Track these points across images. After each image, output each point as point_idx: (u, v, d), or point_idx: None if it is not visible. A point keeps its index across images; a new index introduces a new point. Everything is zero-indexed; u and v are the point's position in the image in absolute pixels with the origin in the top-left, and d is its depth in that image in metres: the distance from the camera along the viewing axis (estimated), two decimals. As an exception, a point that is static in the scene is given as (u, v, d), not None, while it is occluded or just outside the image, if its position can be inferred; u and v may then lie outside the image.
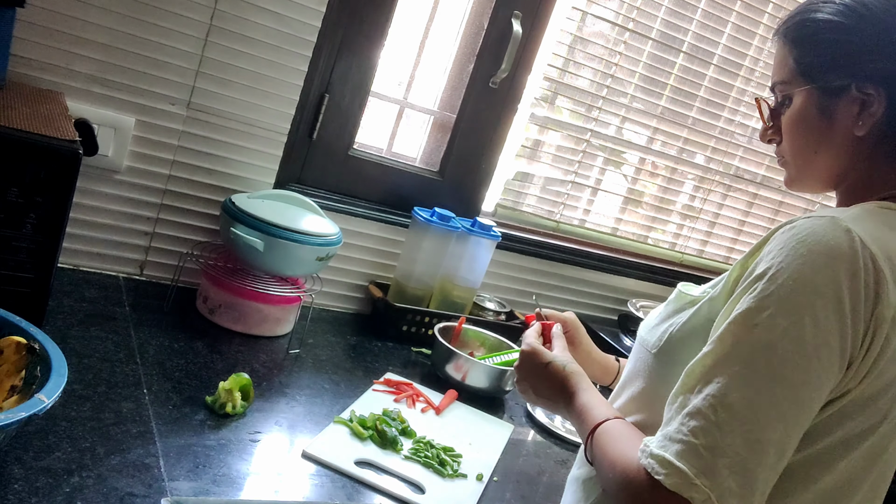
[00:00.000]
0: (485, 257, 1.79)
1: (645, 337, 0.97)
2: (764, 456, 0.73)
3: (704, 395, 0.75)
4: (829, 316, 0.73)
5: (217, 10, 1.43)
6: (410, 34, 1.80)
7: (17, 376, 0.91)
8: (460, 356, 1.53)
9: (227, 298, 1.44)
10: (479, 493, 1.19)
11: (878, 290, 0.75)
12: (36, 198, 1.08)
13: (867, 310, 0.75)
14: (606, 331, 2.00)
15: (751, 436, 0.72)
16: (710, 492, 0.71)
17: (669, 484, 0.72)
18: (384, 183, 1.78)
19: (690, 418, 0.74)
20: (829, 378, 0.75)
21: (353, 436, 1.23)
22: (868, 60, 0.86)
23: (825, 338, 0.73)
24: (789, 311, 0.74)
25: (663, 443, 0.75)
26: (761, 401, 0.73)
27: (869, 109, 0.86)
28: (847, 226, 0.76)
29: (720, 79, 2.13)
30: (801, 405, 0.74)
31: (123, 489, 0.92)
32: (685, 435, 0.74)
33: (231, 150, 1.54)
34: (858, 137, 0.87)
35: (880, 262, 0.75)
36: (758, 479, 0.73)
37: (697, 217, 2.31)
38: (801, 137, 0.92)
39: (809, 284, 0.74)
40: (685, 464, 0.72)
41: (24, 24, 1.31)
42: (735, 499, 0.72)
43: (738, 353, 0.75)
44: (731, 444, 0.72)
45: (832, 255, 0.74)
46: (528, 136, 1.99)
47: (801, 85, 0.90)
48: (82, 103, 1.39)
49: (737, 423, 0.73)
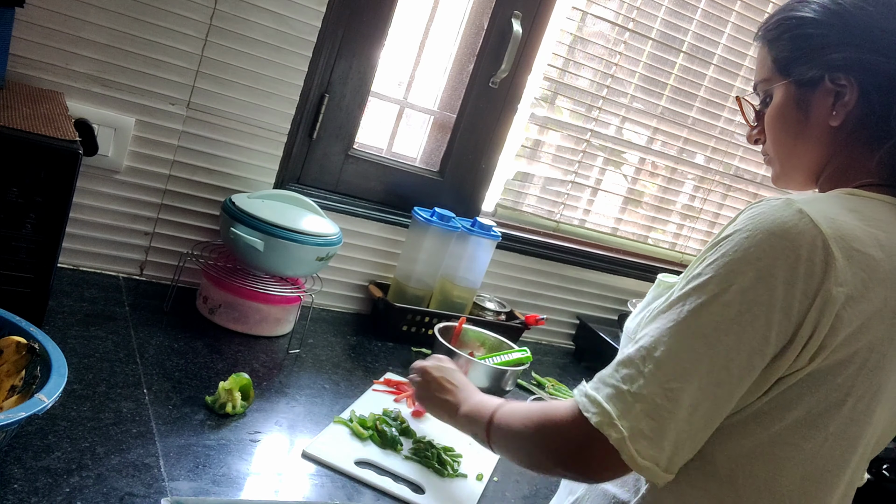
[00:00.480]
0: (485, 257, 1.78)
1: (628, 326, 1.00)
2: (677, 405, 0.78)
3: (639, 346, 0.81)
4: (757, 286, 0.77)
5: (217, 10, 1.43)
6: (410, 34, 1.80)
7: (17, 376, 0.91)
8: (460, 356, 1.53)
9: (227, 298, 1.44)
10: (479, 493, 1.19)
11: (826, 268, 0.77)
12: (36, 198, 1.08)
13: (810, 286, 0.77)
14: (606, 331, 2.00)
15: (667, 385, 0.78)
16: (625, 432, 0.77)
17: (595, 422, 0.79)
18: (384, 183, 1.78)
19: (623, 366, 0.81)
20: (750, 345, 0.78)
21: (353, 436, 1.23)
22: (838, 50, 0.89)
23: (748, 306, 0.77)
24: (722, 278, 0.78)
25: (597, 384, 0.82)
26: (682, 356, 0.78)
27: (842, 100, 0.89)
28: (799, 206, 0.79)
29: (720, 79, 2.13)
30: (716, 363, 0.78)
31: (123, 489, 0.92)
32: (616, 381, 0.80)
33: (231, 150, 1.54)
34: (834, 128, 0.90)
35: (830, 241, 0.78)
36: (669, 427, 0.78)
37: (697, 217, 2.31)
38: (781, 131, 0.95)
39: (745, 256, 0.78)
40: (611, 405, 0.79)
41: (24, 24, 1.31)
42: (645, 440, 0.77)
43: (673, 310, 0.81)
44: (649, 392, 0.78)
45: (775, 231, 0.78)
46: (528, 136, 1.99)
47: (779, 80, 0.94)
48: (82, 103, 1.39)
49: (659, 374, 0.78)
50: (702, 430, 0.80)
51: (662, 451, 0.78)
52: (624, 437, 0.77)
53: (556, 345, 2.11)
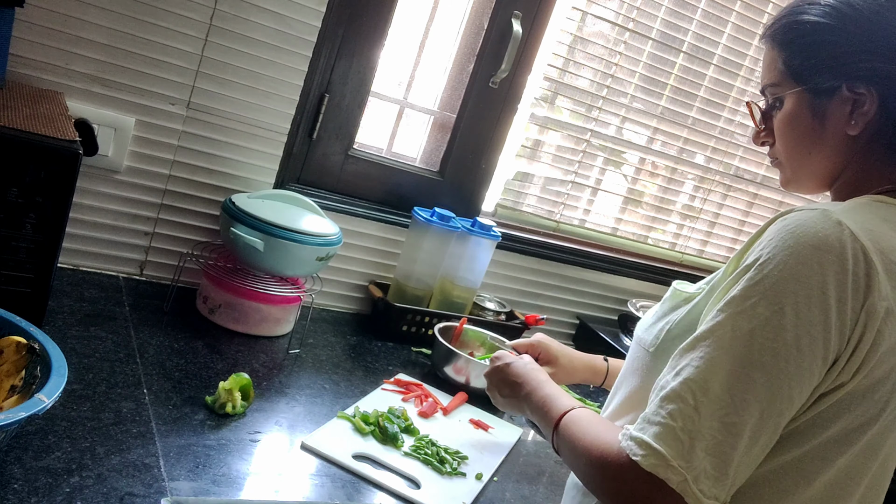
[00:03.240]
0: (485, 257, 1.79)
1: (642, 336, 0.97)
2: (739, 440, 0.74)
3: (683, 378, 0.76)
4: (811, 307, 0.74)
5: (217, 10, 1.43)
6: (410, 34, 1.80)
7: (17, 376, 0.91)
8: (460, 356, 1.53)
9: (227, 298, 1.44)
10: (476, 492, 1.19)
11: (869, 282, 0.75)
12: (36, 198, 1.08)
13: (856, 302, 0.75)
14: (606, 331, 2.00)
15: (727, 419, 0.74)
16: (686, 473, 0.73)
17: (647, 465, 0.74)
18: (384, 183, 1.78)
19: (669, 402, 0.76)
20: (809, 368, 0.75)
21: (355, 431, 1.23)
22: (858, 60, 0.86)
23: (806, 328, 0.74)
24: (772, 300, 0.75)
25: (642, 425, 0.77)
26: (738, 386, 0.74)
27: (861, 109, 0.87)
28: (838, 218, 0.77)
29: (720, 79, 2.13)
30: (778, 393, 0.75)
31: (123, 489, 0.92)
32: (663, 418, 0.75)
33: (231, 150, 1.54)
34: (851, 137, 0.88)
35: (871, 254, 0.75)
36: (732, 462, 0.74)
37: (697, 217, 2.30)
38: (795, 139, 0.92)
39: (794, 275, 0.75)
40: (663, 445, 0.74)
41: (24, 23, 1.31)
42: (710, 480, 0.73)
43: (719, 339, 0.76)
44: (707, 428, 0.74)
45: (820, 246, 0.75)
46: (528, 136, 1.99)
47: (792, 87, 0.91)
48: (82, 103, 1.39)
49: (714, 407, 0.74)
50: (760, 457, 0.78)
51: (725, 487, 0.75)
52: (686, 480, 0.73)
53: (556, 345, 2.10)
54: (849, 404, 0.79)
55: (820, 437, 0.80)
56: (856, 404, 0.79)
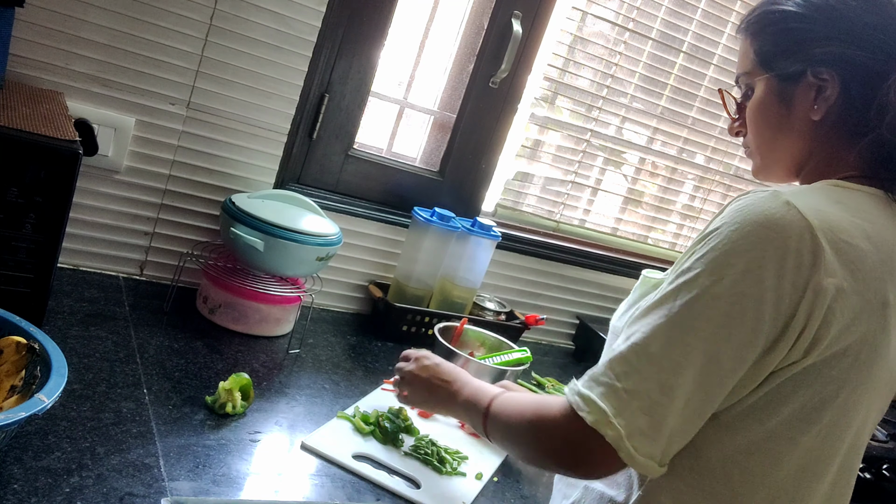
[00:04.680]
0: (485, 257, 1.78)
1: (615, 324, 1.00)
2: (673, 401, 0.78)
3: (630, 342, 0.81)
4: (746, 279, 0.77)
5: (217, 10, 1.43)
6: (410, 34, 1.80)
7: (17, 376, 0.91)
8: (460, 356, 1.53)
9: (227, 298, 1.44)
10: (476, 492, 1.19)
11: (815, 260, 0.77)
12: (36, 198, 1.08)
13: (798, 278, 0.77)
14: (606, 331, 1.99)
15: (664, 381, 0.78)
16: (622, 430, 0.77)
17: (591, 421, 0.78)
18: (384, 183, 1.78)
19: (616, 363, 0.80)
20: (740, 338, 0.78)
21: (355, 431, 1.23)
22: (821, 45, 0.89)
23: (738, 299, 0.77)
24: (711, 271, 0.78)
25: (589, 383, 0.82)
26: (674, 349, 0.78)
27: (824, 94, 0.89)
28: (786, 198, 0.79)
29: (720, 79, 2.13)
30: (710, 357, 0.78)
31: (123, 489, 0.92)
32: (609, 378, 0.80)
33: (231, 150, 1.54)
34: (815, 122, 0.90)
35: (818, 232, 0.77)
36: (666, 422, 0.78)
37: (697, 217, 2.31)
38: (763, 125, 0.95)
39: (734, 248, 0.78)
40: (606, 404, 0.78)
41: (24, 23, 1.31)
42: (644, 437, 0.77)
43: (664, 305, 0.80)
44: (644, 389, 0.78)
45: (764, 223, 0.78)
46: (528, 136, 1.99)
47: (761, 74, 0.94)
48: (82, 103, 1.39)
49: (653, 369, 0.78)
50: (693, 422, 0.81)
51: (659, 446, 0.78)
52: (621, 435, 0.77)
53: (556, 345, 2.11)
54: (804, 381, 0.81)
55: (779, 414, 0.82)
56: (812, 381, 0.81)
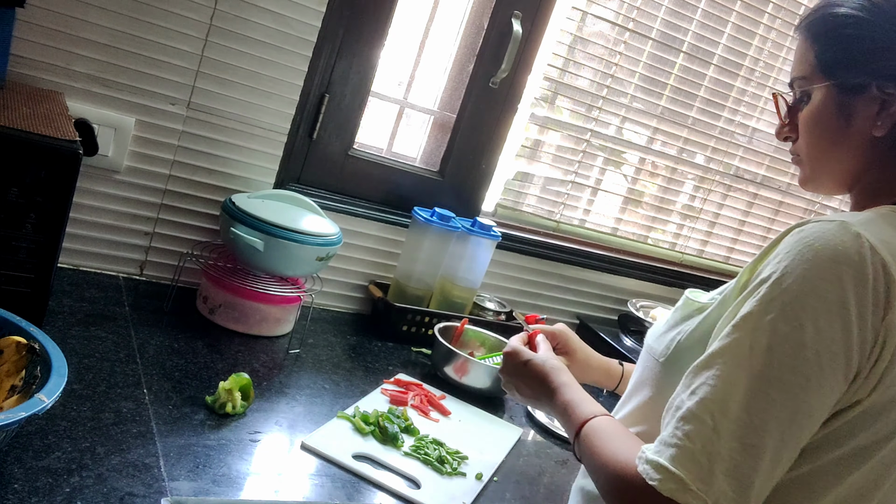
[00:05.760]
0: (485, 257, 1.78)
1: (652, 345, 0.95)
2: (759, 461, 0.72)
3: (700, 398, 0.74)
4: (832, 322, 0.72)
5: (217, 10, 1.43)
6: (410, 34, 1.80)
7: (17, 376, 0.91)
8: (460, 356, 1.53)
9: (227, 298, 1.44)
10: (476, 492, 1.19)
11: (889, 296, 0.73)
12: (36, 198, 1.08)
13: (876, 317, 0.73)
14: (606, 331, 2.00)
15: (746, 440, 0.72)
16: (705, 497, 0.70)
17: (664, 490, 0.72)
18: (384, 183, 1.78)
19: (686, 422, 0.74)
20: (831, 386, 0.73)
21: (355, 431, 1.23)
22: (889, 57, 0.84)
23: (827, 345, 0.72)
24: (791, 316, 0.73)
25: (659, 448, 0.75)
26: (758, 405, 0.72)
27: (889, 109, 0.84)
28: (857, 230, 0.74)
29: (720, 79, 2.13)
30: (799, 411, 0.73)
31: (123, 489, 0.92)
32: (680, 440, 0.73)
33: (231, 150, 1.54)
34: (876, 138, 0.85)
35: (891, 267, 0.73)
36: (753, 484, 0.72)
37: (697, 217, 2.31)
38: (818, 136, 0.89)
39: (813, 289, 0.72)
40: (680, 469, 0.72)
41: (24, 23, 1.31)
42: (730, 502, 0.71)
43: (736, 356, 0.74)
44: (726, 449, 0.71)
45: (839, 259, 0.73)
46: (528, 136, 1.99)
47: (821, 81, 0.88)
48: (82, 103, 1.39)
49: (733, 427, 0.72)
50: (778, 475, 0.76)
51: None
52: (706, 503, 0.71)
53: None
54: (863, 422, 0.77)
55: (832, 453, 0.78)
56: (870, 422, 0.77)
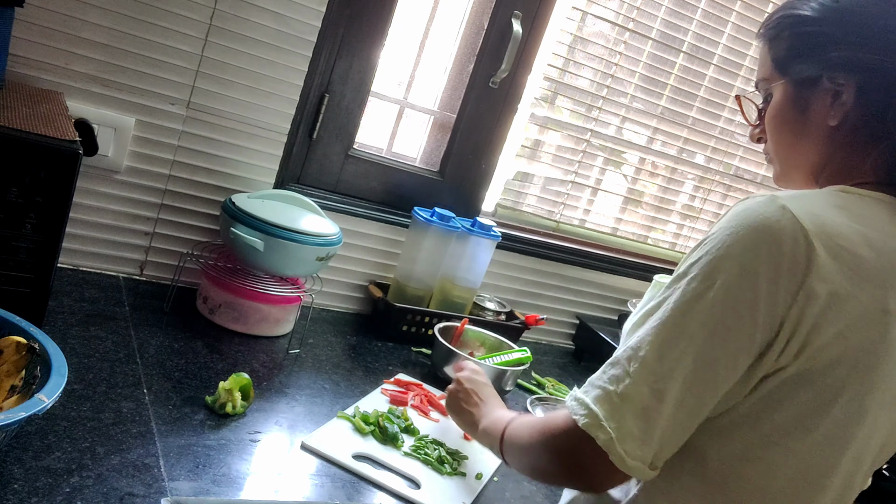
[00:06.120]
0: (485, 257, 1.79)
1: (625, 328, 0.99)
2: (664, 405, 0.78)
3: (626, 346, 0.82)
4: (741, 284, 0.77)
5: (217, 10, 1.43)
6: (410, 34, 1.80)
7: (17, 376, 0.91)
8: (460, 356, 1.53)
9: (227, 298, 1.44)
10: (476, 492, 1.19)
11: (809, 263, 0.77)
12: (36, 198, 1.08)
13: (791, 283, 0.77)
14: (606, 331, 2.00)
15: (655, 385, 0.78)
16: (613, 433, 0.78)
17: (583, 424, 0.80)
18: (384, 183, 1.78)
19: (611, 367, 0.82)
20: (735, 342, 0.78)
21: (355, 431, 1.23)
22: (837, 49, 0.88)
23: (732, 304, 0.77)
24: (705, 275, 0.79)
25: (586, 388, 0.83)
26: (667, 353, 0.79)
27: (840, 99, 0.88)
28: (783, 203, 0.79)
29: (720, 79, 2.13)
30: (702, 360, 0.78)
31: (123, 489, 0.92)
32: (604, 382, 0.81)
33: (231, 150, 1.54)
34: (832, 127, 0.90)
35: (812, 237, 0.77)
36: (657, 426, 0.78)
37: (697, 217, 2.31)
38: (780, 131, 0.94)
39: (728, 253, 0.78)
40: (599, 407, 0.79)
41: (24, 23, 1.31)
42: (636, 442, 0.78)
43: (659, 310, 0.81)
44: (636, 392, 0.78)
45: (757, 227, 0.78)
46: (528, 136, 1.99)
47: (778, 79, 0.93)
48: (82, 103, 1.39)
49: (645, 373, 0.79)
50: (685, 427, 0.81)
51: (650, 450, 0.78)
52: (612, 438, 0.77)
53: (556, 345, 2.10)
54: (796, 387, 0.80)
55: (773, 420, 0.82)
56: (804, 387, 0.81)
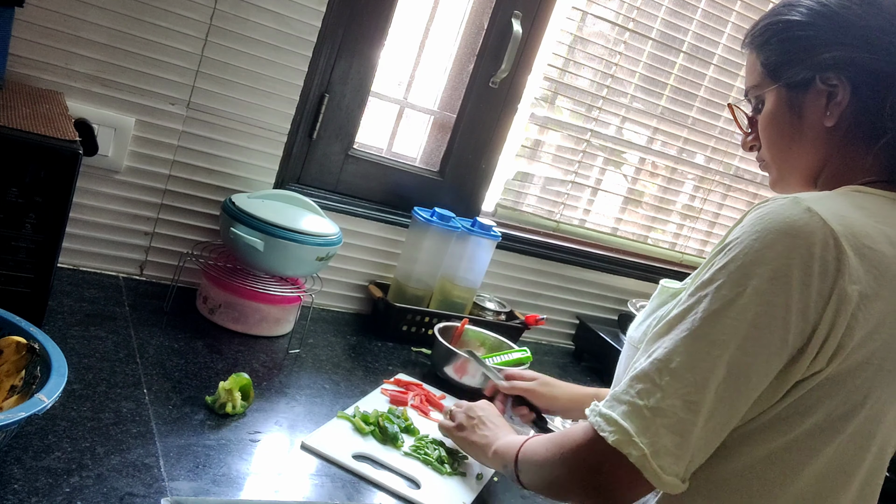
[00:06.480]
0: (485, 257, 1.78)
1: (632, 335, 0.99)
2: (698, 417, 0.76)
3: (653, 359, 0.79)
4: (773, 288, 0.75)
5: (217, 10, 1.43)
6: (410, 34, 1.80)
7: (17, 376, 0.91)
8: (460, 356, 1.53)
9: (227, 298, 1.44)
10: (476, 492, 1.19)
11: (839, 266, 0.76)
12: (36, 198, 1.08)
13: (823, 286, 0.75)
14: (606, 331, 2.00)
15: (688, 398, 0.76)
16: (646, 449, 0.75)
17: (613, 441, 0.76)
18: (384, 183, 1.78)
19: (638, 381, 0.78)
20: (768, 348, 0.76)
21: (355, 431, 1.23)
22: (827, 50, 0.88)
23: (766, 308, 0.75)
24: (735, 282, 0.76)
25: (611, 403, 0.80)
26: (699, 364, 0.76)
27: (835, 99, 0.88)
28: (807, 205, 0.78)
29: (720, 79, 2.13)
30: (735, 369, 0.76)
31: (123, 489, 0.92)
32: (632, 396, 0.78)
33: (231, 150, 1.54)
34: (829, 128, 0.89)
35: (841, 238, 0.76)
36: (692, 439, 0.76)
37: (697, 217, 2.31)
38: (776, 136, 0.94)
39: (759, 258, 0.76)
40: (629, 423, 0.76)
41: (23, 23, 1.31)
42: (671, 457, 0.75)
43: (686, 320, 0.79)
44: (669, 406, 0.76)
45: (786, 231, 0.76)
46: (528, 136, 1.99)
47: (770, 85, 0.93)
48: (82, 103, 1.39)
49: (677, 385, 0.76)
50: (717, 436, 0.79)
51: (683, 463, 0.76)
52: (646, 455, 0.75)
53: (556, 345, 2.10)
54: (829, 391, 0.79)
55: (803, 425, 0.80)
56: (836, 390, 0.79)
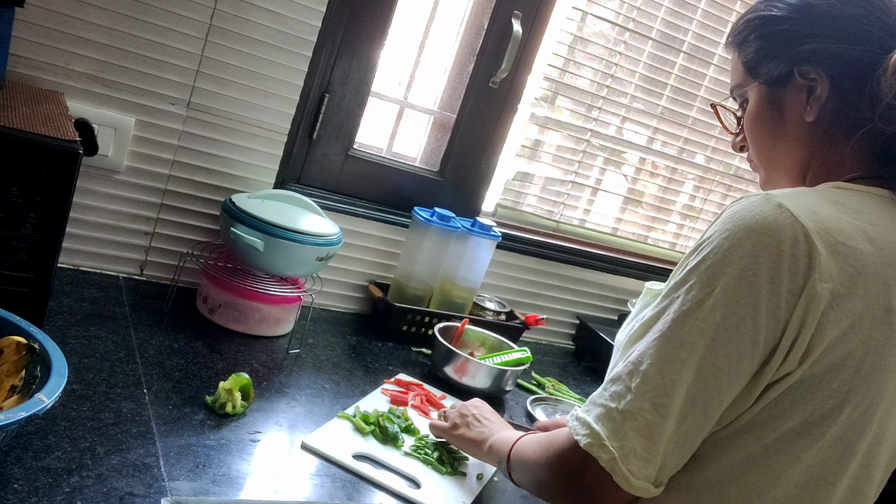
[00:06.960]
0: (485, 257, 1.78)
1: (619, 338, 0.98)
2: (668, 420, 0.75)
3: (627, 361, 0.79)
4: (741, 287, 0.74)
5: (217, 10, 1.43)
6: (410, 34, 1.80)
7: (17, 376, 0.91)
8: (460, 356, 1.53)
9: (227, 298, 1.44)
10: (476, 492, 1.19)
11: (810, 264, 0.74)
12: (36, 198, 1.08)
13: (793, 284, 0.74)
14: (606, 331, 2.00)
15: (657, 400, 0.75)
16: (615, 452, 0.75)
17: (585, 444, 0.77)
18: (384, 183, 1.78)
19: (612, 383, 0.79)
20: (738, 349, 0.75)
21: (355, 430, 1.23)
22: (803, 43, 0.87)
23: (734, 308, 0.74)
24: (704, 283, 0.76)
25: (588, 406, 0.81)
26: (668, 367, 0.76)
27: (814, 94, 0.87)
28: (779, 201, 0.76)
29: (720, 79, 2.13)
30: (704, 371, 0.75)
31: (123, 489, 0.92)
32: (606, 399, 0.78)
33: (231, 150, 1.54)
34: (810, 124, 0.88)
35: (813, 235, 0.74)
36: (661, 442, 0.75)
37: (697, 217, 2.30)
38: (760, 134, 0.93)
39: (727, 257, 0.75)
40: (601, 426, 0.77)
41: (24, 23, 1.31)
42: (640, 461, 0.75)
43: (659, 322, 0.78)
44: (638, 409, 0.76)
45: (756, 228, 0.75)
46: (528, 136, 1.99)
47: (750, 83, 0.92)
48: (82, 103, 1.39)
49: (646, 388, 0.76)
50: (690, 441, 0.78)
51: (654, 467, 0.75)
52: (615, 458, 0.75)
53: (556, 345, 2.10)
54: (803, 394, 0.77)
55: (779, 429, 0.78)
56: (811, 394, 0.77)
